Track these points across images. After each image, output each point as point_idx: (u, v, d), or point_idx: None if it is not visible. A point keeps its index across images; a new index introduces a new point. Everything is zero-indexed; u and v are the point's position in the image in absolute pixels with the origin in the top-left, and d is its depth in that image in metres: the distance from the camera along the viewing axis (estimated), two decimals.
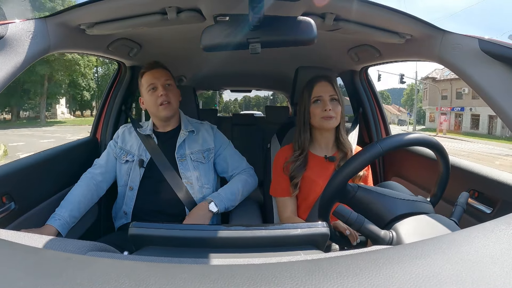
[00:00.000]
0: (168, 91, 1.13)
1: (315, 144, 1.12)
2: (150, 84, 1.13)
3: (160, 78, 1.13)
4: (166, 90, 1.13)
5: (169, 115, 1.14)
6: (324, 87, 1.06)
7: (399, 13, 0.84)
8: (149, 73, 1.15)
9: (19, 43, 0.69)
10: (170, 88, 1.15)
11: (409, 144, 0.70)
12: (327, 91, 1.06)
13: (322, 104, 1.05)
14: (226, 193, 1.09)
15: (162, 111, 1.13)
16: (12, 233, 0.47)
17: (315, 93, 1.06)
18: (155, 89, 1.13)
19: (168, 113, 1.14)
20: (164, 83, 1.13)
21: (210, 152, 1.18)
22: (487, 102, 0.73)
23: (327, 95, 1.05)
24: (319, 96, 1.05)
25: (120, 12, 0.85)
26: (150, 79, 1.14)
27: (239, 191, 1.12)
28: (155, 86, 1.13)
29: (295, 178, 1.06)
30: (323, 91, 1.06)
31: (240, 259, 0.44)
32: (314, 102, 1.06)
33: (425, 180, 1.18)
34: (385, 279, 0.28)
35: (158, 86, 1.12)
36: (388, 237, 0.58)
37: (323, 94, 1.05)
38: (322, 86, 1.07)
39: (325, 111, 1.04)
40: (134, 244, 0.51)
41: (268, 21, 0.69)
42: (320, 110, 1.05)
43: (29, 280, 0.28)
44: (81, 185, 1.08)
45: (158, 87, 1.12)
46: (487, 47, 0.74)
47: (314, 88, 1.07)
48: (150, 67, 1.16)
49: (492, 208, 0.85)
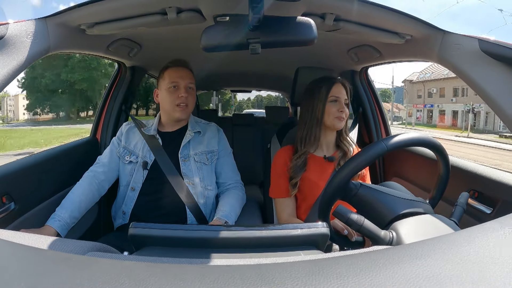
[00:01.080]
0: (189, 94, 1.12)
1: (316, 144, 1.12)
2: (173, 81, 1.11)
3: (185, 79, 1.12)
4: (187, 93, 1.12)
5: (183, 118, 1.14)
6: (341, 89, 1.09)
7: (399, 13, 0.84)
8: (174, 70, 1.13)
9: (19, 43, 0.69)
10: (191, 92, 1.14)
11: (413, 144, 0.70)
12: (343, 93, 1.09)
13: (338, 105, 1.07)
14: (236, 212, 1.10)
15: (178, 112, 1.12)
16: (12, 233, 0.47)
17: (333, 93, 1.07)
18: (177, 88, 1.11)
19: (183, 115, 1.13)
20: (187, 85, 1.12)
21: (214, 155, 1.18)
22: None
23: (343, 98, 1.08)
24: (337, 97, 1.08)
25: (120, 12, 0.85)
26: (174, 76, 1.12)
27: (240, 209, 1.14)
28: (177, 85, 1.11)
29: (294, 178, 1.06)
30: (340, 93, 1.08)
31: (240, 259, 0.44)
32: (331, 101, 1.07)
33: (425, 180, 1.18)
34: (385, 279, 0.28)
35: (180, 86, 1.11)
36: (388, 237, 0.58)
37: (340, 96, 1.08)
38: (340, 87, 1.09)
39: (340, 111, 1.06)
40: (134, 244, 0.51)
41: (268, 22, 0.69)
42: (336, 110, 1.07)
43: (29, 280, 0.28)
44: (83, 184, 1.08)
45: (181, 88, 1.11)
46: (487, 47, 0.74)
47: (333, 87, 1.08)
48: (177, 64, 1.14)
49: (492, 208, 0.85)
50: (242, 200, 1.17)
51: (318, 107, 1.08)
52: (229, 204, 1.10)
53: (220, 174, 1.19)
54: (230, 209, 1.08)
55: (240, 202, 1.15)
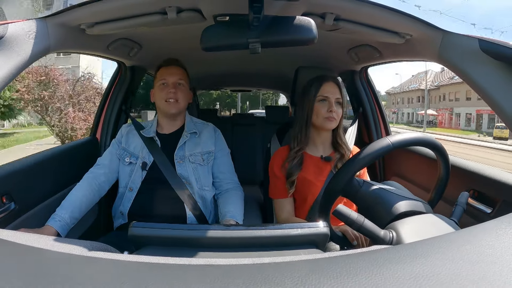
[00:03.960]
0: (178, 90, 1.14)
1: (311, 144, 1.11)
2: (162, 79, 1.15)
3: (174, 76, 1.15)
4: (176, 89, 1.14)
5: (173, 112, 1.15)
6: (332, 88, 1.06)
7: (399, 13, 0.84)
8: (164, 68, 1.17)
9: (19, 43, 0.69)
10: (181, 88, 1.16)
11: (417, 143, 0.70)
12: (334, 92, 1.05)
13: (328, 105, 1.04)
14: (241, 211, 1.10)
15: (167, 106, 1.14)
16: (12, 233, 0.47)
17: (322, 92, 1.05)
18: (166, 85, 1.14)
19: (172, 109, 1.14)
20: (176, 81, 1.15)
21: (210, 155, 1.18)
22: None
23: (333, 97, 1.05)
24: (326, 96, 1.05)
25: (120, 12, 0.85)
26: (163, 74, 1.16)
27: (243, 208, 1.14)
28: (166, 82, 1.14)
29: (291, 176, 1.06)
30: (330, 92, 1.05)
31: (240, 259, 0.44)
32: (320, 101, 1.05)
33: (425, 180, 1.18)
34: (385, 279, 0.28)
35: (169, 82, 1.14)
36: (388, 237, 0.58)
37: (330, 95, 1.05)
38: (330, 86, 1.06)
39: (330, 111, 1.03)
40: (134, 244, 0.51)
41: (268, 21, 0.69)
42: (325, 110, 1.04)
43: (29, 280, 0.28)
44: (83, 185, 1.08)
45: (169, 84, 1.14)
46: (487, 47, 0.74)
47: (322, 86, 1.05)
48: (167, 63, 1.18)
49: (492, 208, 0.85)
50: (243, 199, 1.17)
51: (308, 106, 1.06)
52: (233, 204, 1.11)
53: (217, 174, 1.19)
54: (235, 209, 1.08)
55: (242, 201, 1.15)
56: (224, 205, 1.10)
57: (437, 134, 22.62)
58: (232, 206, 1.09)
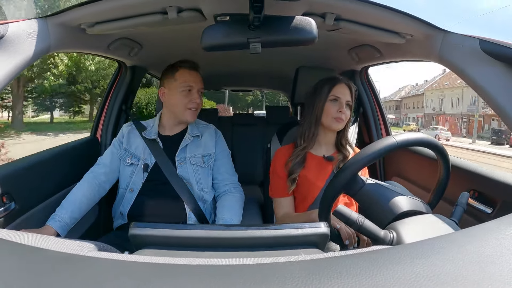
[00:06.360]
0: (199, 99, 1.15)
1: (316, 143, 1.12)
2: (188, 85, 1.12)
3: (198, 83, 1.14)
4: (200, 98, 1.14)
5: (191, 121, 1.15)
6: (344, 90, 1.07)
7: (399, 13, 0.84)
8: (189, 72, 1.13)
9: (19, 42, 0.69)
10: (201, 97, 1.16)
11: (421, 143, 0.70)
12: (346, 94, 1.07)
13: (338, 105, 1.05)
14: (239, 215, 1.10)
15: (188, 115, 1.13)
16: (12, 233, 0.47)
17: (335, 92, 1.06)
18: (191, 92, 1.12)
19: (192, 119, 1.14)
20: (200, 89, 1.14)
21: (211, 157, 1.17)
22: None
23: (344, 99, 1.06)
24: (337, 96, 1.06)
25: (120, 11, 0.85)
26: (189, 79, 1.12)
27: (241, 210, 1.14)
28: (192, 89, 1.12)
29: (293, 174, 1.06)
30: (342, 93, 1.06)
31: (241, 259, 0.44)
32: (331, 101, 1.06)
33: (425, 180, 1.18)
34: (385, 279, 0.28)
35: (194, 90, 1.12)
36: (388, 237, 0.58)
37: (342, 96, 1.06)
38: (343, 88, 1.07)
39: (339, 112, 1.05)
40: (134, 244, 0.51)
41: (269, 21, 0.69)
42: (335, 110, 1.05)
43: (29, 280, 0.28)
44: (83, 185, 1.08)
45: (194, 92, 1.12)
46: (487, 47, 0.74)
47: (336, 87, 1.06)
48: (191, 67, 1.14)
49: (492, 208, 0.85)
50: (241, 200, 1.16)
51: (318, 105, 1.07)
52: (228, 208, 1.10)
53: (216, 176, 1.19)
54: (230, 214, 1.07)
55: (240, 203, 1.14)
56: (220, 210, 1.10)
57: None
58: (226, 211, 1.08)
